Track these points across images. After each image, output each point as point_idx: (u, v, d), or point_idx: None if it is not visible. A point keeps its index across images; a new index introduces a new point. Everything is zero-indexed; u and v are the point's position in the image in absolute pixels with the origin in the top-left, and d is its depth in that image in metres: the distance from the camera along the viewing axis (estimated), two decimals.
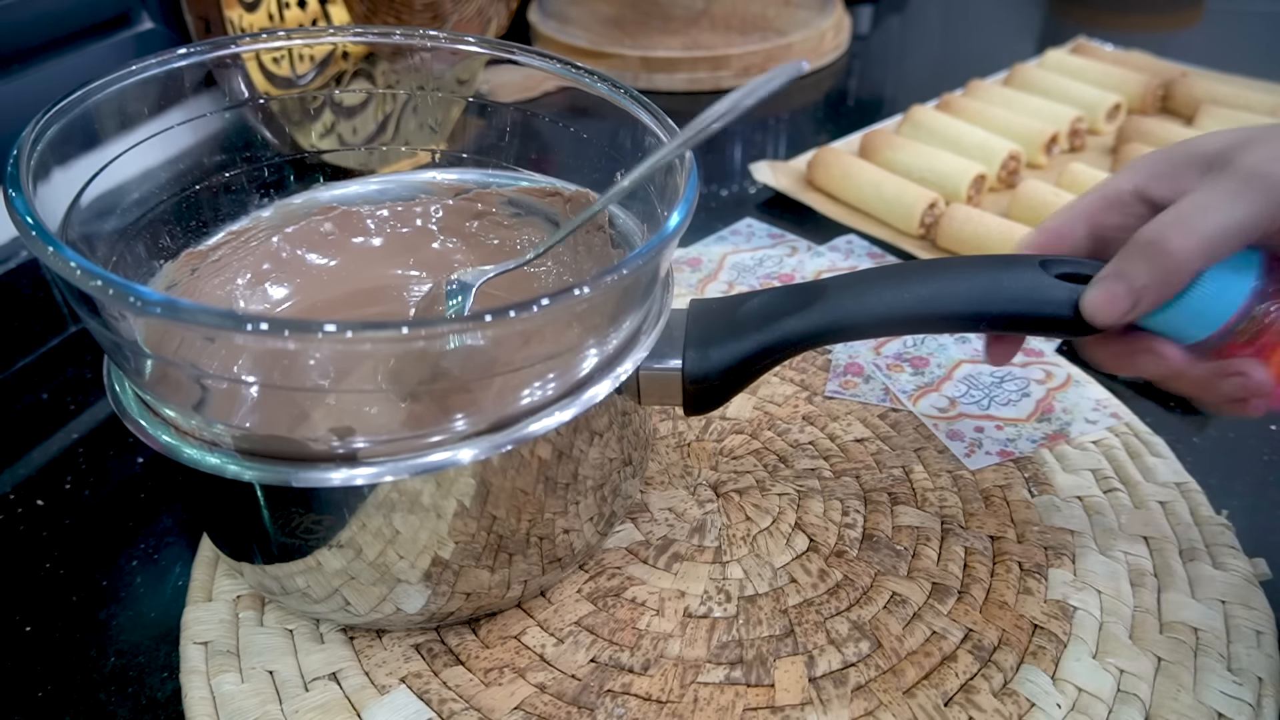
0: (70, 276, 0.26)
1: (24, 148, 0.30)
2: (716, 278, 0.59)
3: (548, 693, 0.34)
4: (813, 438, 0.45)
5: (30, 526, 0.43)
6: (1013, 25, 1.01)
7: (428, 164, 0.45)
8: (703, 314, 0.37)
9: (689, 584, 0.38)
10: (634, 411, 0.37)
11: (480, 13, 0.83)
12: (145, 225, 0.37)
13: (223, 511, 0.34)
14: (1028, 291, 0.34)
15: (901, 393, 0.48)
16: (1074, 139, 0.71)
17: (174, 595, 0.39)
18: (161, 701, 0.36)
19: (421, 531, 0.32)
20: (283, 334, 0.25)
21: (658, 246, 0.30)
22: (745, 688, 0.34)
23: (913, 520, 0.41)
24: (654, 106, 0.37)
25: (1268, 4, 1.00)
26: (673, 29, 0.87)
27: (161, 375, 0.30)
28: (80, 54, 0.61)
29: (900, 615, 0.37)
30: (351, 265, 0.43)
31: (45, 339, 0.54)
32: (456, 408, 0.31)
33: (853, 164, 0.65)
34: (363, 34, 0.45)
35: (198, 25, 0.67)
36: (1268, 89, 0.75)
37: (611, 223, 0.40)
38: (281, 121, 0.43)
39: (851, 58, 0.93)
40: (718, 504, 0.42)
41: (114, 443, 0.48)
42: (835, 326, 0.35)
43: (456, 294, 0.37)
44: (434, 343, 0.29)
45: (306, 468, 0.29)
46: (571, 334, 0.31)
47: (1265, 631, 0.36)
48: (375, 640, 0.36)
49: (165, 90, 0.37)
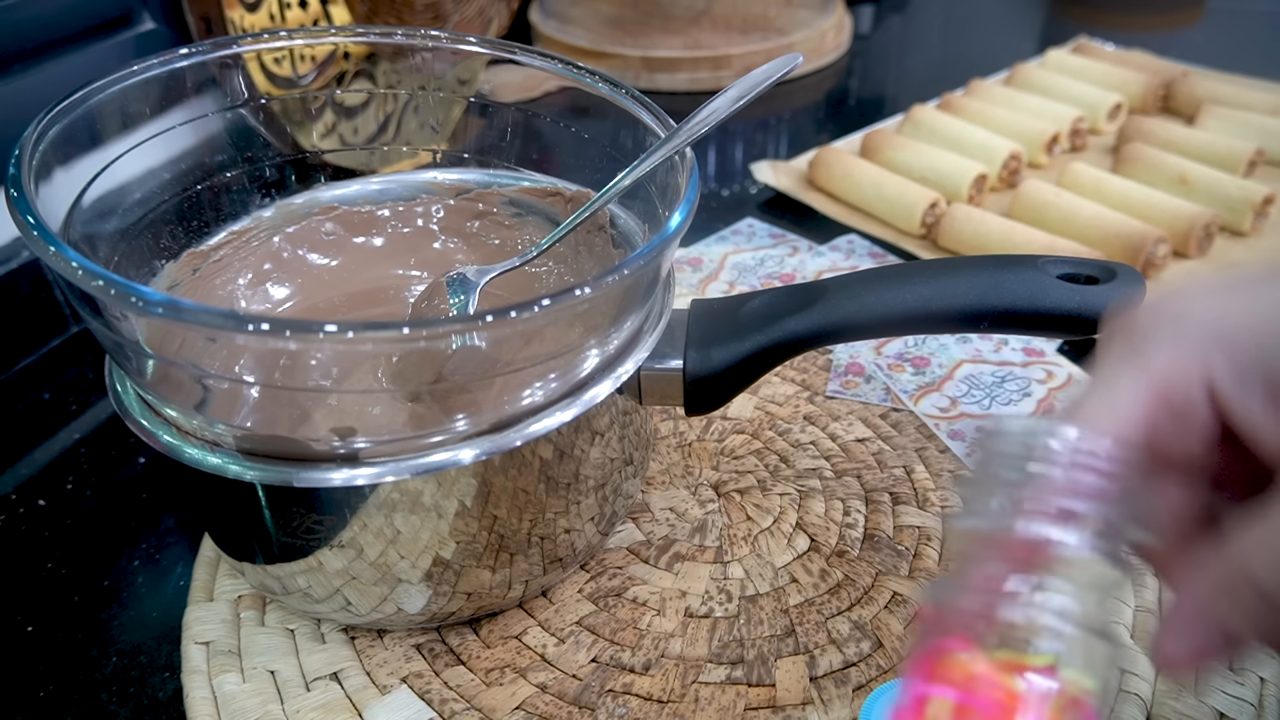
0: (72, 277, 0.26)
1: (26, 148, 0.30)
2: (717, 278, 0.59)
3: (549, 693, 0.34)
4: (814, 437, 0.45)
5: (32, 526, 0.43)
6: (1014, 25, 1.01)
7: (429, 164, 0.45)
8: (704, 314, 0.37)
9: (690, 584, 0.38)
10: (635, 411, 0.37)
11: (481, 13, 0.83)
12: (147, 225, 0.37)
13: (224, 511, 0.34)
14: (1029, 291, 0.34)
15: (903, 392, 0.48)
16: (1075, 139, 0.71)
17: (175, 595, 0.39)
18: (163, 701, 0.36)
19: (423, 531, 0.32)
20: (284, 334, 0.25)
21: (659, 247, 0.30)
22: (746, 687, 0.34)
23: (914, 520, 0.41)
24: (655, 106, 0.37)
25: (1269, 3, 1.00)
26: (674, 29, 0.87)
27: (163, 375, 0.30)
28: (82, 54, 0.61)
29: (902, 615, 0.37)
30: (353, 265, 0.44)
31: (47, 339, 0.55)
32: (458, 408, 0.31)
33: (854, 164, 0.65)
34: (364, 34, 0.45)
35: (199, 25, 0.67)
36: (1269, 89, 0.75)
37: (613, 223, 0.40)
38: (283, 121, 0.43)
39: (852, 57, 0.93)
40: (719, 504, 0.42)
41: (115, 443, 0.48)
42: (836, 326, 0.35)
43: (459, 292, 0.37)
44: (435, 343, 0.29)
45: (308, 468, 0.29)
46: (573, 334, 0.31)
47: None
48: (376, 640, 0.36)
49: (167, 90, 0.37)
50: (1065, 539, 0.21)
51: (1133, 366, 0.22)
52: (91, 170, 0.34)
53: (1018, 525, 0.21)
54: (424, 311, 0.38)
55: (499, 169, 0.44)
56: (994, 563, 0.22)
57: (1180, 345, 0.22)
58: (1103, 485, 0.21)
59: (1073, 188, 0.62)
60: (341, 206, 0.43)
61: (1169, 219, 0.57)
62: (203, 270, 0.40)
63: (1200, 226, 0.57)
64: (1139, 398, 0.22)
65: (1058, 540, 0.21)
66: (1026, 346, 0.51)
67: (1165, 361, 0.22)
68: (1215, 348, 0.21)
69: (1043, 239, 0.56)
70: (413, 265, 0.44)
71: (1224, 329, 0.22)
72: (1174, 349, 0.22)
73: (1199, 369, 0.21)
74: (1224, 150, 0.65)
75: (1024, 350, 0.51)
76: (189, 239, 0.40)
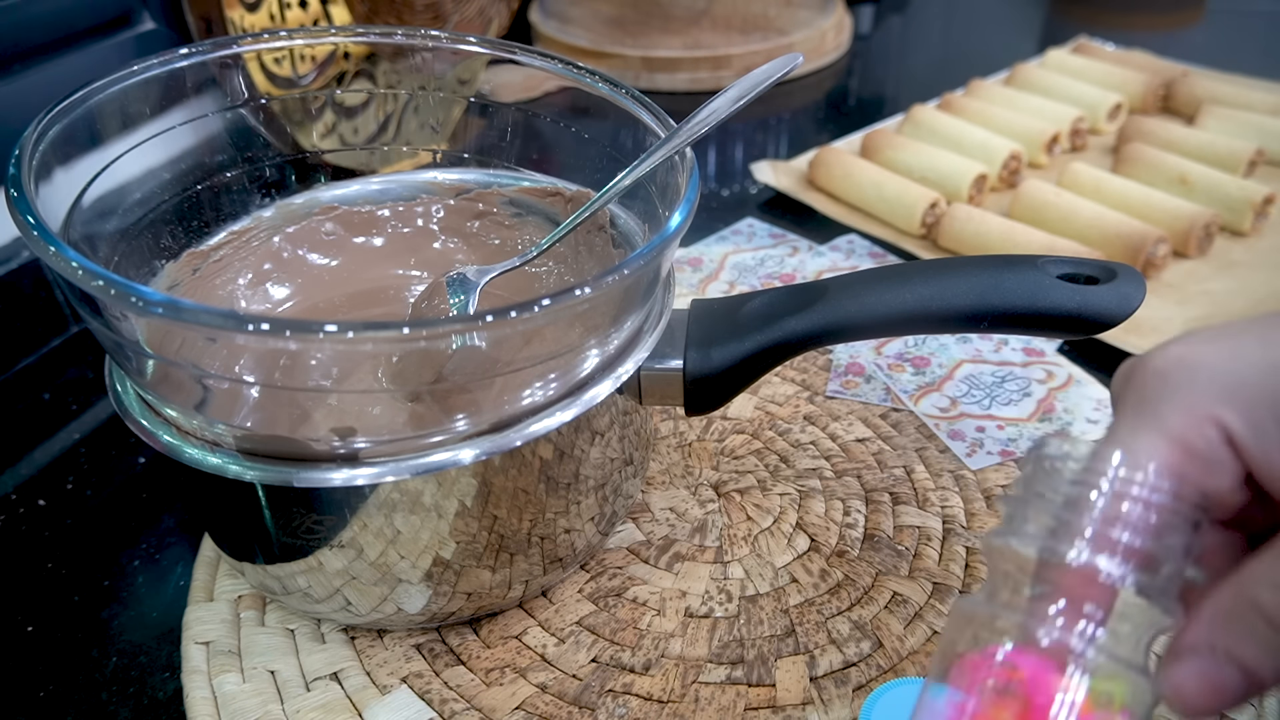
0: (72, 276, 0.26)
1: (26, 148, 0.30)
2: (718, 278, 0.59)
3: (549, 693, 0.34)
4: (814, 437, 0.45)
5: (32, 526, 0.43)
6: (1014, 25, 1.01)
7: (429, 164, 0.45)
8: (704, 314, 0.37)
9: (690, 584, 0.38)
10: (635, 411, 0.37)
11: (481, 13, 0.83)
12: (147, 225, 0.37)
13: (224, 511, 0.34)
14: (1029, 291, 0.34)
15: (903, 392, 0.48)
16: (1075, 139, 0.71)
17: (175, 595, 0.39)
18: (163, 701, 0.36)
19: (423, 531, 0.32)
20: (284, 334, 0.25)
21: (659, 247, 0.30)
22: (746, 687, 0.34)
23: (914, 520, 0.41)
24: (655, 106, 0.37)
25: (1269, 4, 1.00)
26: (674, 29, 0.87)
27: (163, 375, 0.30)
28: (82, 54, 0.61)
29: (902, 615, 0.37)
30: (353, 265, 0.44)
31: (47, 339, 0.55)
32: (458, 408, 0.31)
33: (854, 164, 0.65)
34: (364, 34, 0.45)
35: (199, 25, 0.67)
36: (1269, 89, 0.75)
37: (613, 223, 0.40)
38: (283, 121, 0.43)
39: (853, 57, 0.93)
40: (719, 504, 0.42)
41: (115, 443, 0.48)
42: (836, 327, 0.35)
43: (459, 292, 0.37)
44: (435, 343, 0.29)
45: (308, 468, 0.29)
46: (573, 334, 0.31)
47: None
48: (376, 640, 0.36)
49: (167, 90, 0.37)
50: (1112, 571, 0.21)
51: (1149, 428, 0.22)
52: (91, 170, 0.34)
53: (1065, 553, 0.21)
54: (424, 311, 0.38)
55: (499, 169, 0.44)
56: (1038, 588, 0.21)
57: (1194, 401, 0.22)
58: (1155, 519, 0.21)
59: (1073, 188, 0.62)
60: (341, 206, 0.43)
61: (1169, 219, 0.57)
62: (203, 270, 0.40)
63: (1200, 226, 0.57)
64: (1160, 454, 0.21)
65: (1105, 573, 0.21)
66: (1026, 346, 0.51)
67: (1181, 420, 0.22)
68: (1229, 399, 0.21)
69: (1043, 239, 0.56)
70: (413, 265, 0.44)
71: (1236, 380, 0.21)
72: (1188, 406, 0.22)
73: (1215, 423, 0.21)
74: (1224, 150, 0.65)
75: (1024, 350, 0.51)
76: (189, 239, 0.40)
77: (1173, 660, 0.21)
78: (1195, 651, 0.21)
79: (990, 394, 0.48)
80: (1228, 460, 0.21)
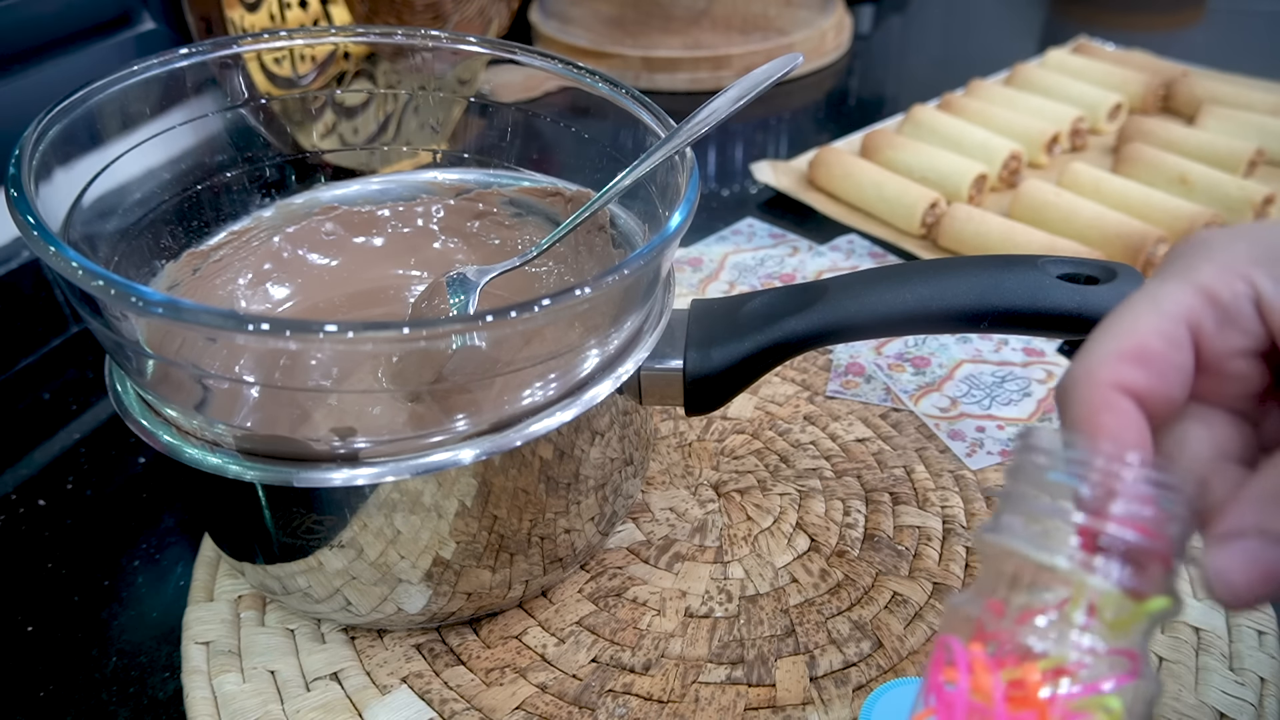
0: (72, 276, 0.26)
1: (26, 148, 0.30)
2: (718, 278, 0.59)
3: (549, 693, 0.34)
4: (814, 437, 0.45)
5: (32, 526, 0.43)
6: (1014, 25, 1.01)
7: (429, 164, 0.45)
8: (704, 314, 0.37)
9: (690, 584, 0.38)
10: (635, 411, 0.37)
11: (481, 13, 0.83)
12: (147, 225, 0.37)
13: (224, 511, 0.34)
14: (1029, 291, 0.34)
15: (903, 392, 0.48)
16: (1075, 139, 0.71)
17: (175, 595, 0.39)
18: (163, 701, 0.36)
19: (423, 531, 0.32)
20: (284, 334, 0.25)
21: (659, 247, 0.30)
22: (746, 687, 0.34)
23: (914, 520, 0.41)
24: (655, 106, 0.37)
25: (1269, 4, 1.00)
26: (674, 29, 0.87)
27: (163, 375, 0.30)
28: (82, 54, 0.61)
29: (902, 615, 0.37)
30: (353, 265, 0.44)
31: (47, 339, 0.55)
32: (458, 408, 0.31)
33: (854, 164, 0.65)
34: (364, 34, 0.45)
35: (199, 25, 0.67)
36: (1269, 89, 0.75)
37: (613, 223, 0.40)
38: (283, 121, 0.43)
39: (853, 57, 0.93)
40: (719, 504, 0.42)
41: (115, 443, 0.48)
42: (836, 326, 0.35)
43: (459, 292, 0.37)
44: (435, 343, 0.29)
45: (308, 468, 0.29)
46: (573, 334, 0.31)
47: (1267, 631, 0.35)
48: (376, 640, 0.36)
49: (167, 90, 0.37)
50: (1104, 571, 0.21)
51: (1178, 279, 0.23)
52: (91, 170, 0.34)
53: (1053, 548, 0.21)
54: (424, 311, 0.38)
55: (499, 169, 0.44)
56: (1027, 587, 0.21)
57: (1230, 259, 0.22)
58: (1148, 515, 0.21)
59: (1073, 188, 0.62)
60: (341, 206, 0.43)
61: (1169, 219, 0.57)
62: (203, 270, 0.40)
63: (1200, 226, 0.57)
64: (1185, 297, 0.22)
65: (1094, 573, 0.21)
66: (1026, 346, 0.51)
67: (1213, 272, 0.22)
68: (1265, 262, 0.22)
69: (1043, 239, 0.56)
70: (413, 265, 0.44)
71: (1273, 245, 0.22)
72: (1223, 263, 0.22)
73: (1246, 280, 0.22)
74: (1224, 150, 0.65)
75: (1024, 350, 0.51)
76: (189, 239, 0.40)
77: (1216, 547, 0.21)
78: (1242, 535, 0.21)
79: (990, 394, 0.48)
80: (1249, 318, 0.22)
